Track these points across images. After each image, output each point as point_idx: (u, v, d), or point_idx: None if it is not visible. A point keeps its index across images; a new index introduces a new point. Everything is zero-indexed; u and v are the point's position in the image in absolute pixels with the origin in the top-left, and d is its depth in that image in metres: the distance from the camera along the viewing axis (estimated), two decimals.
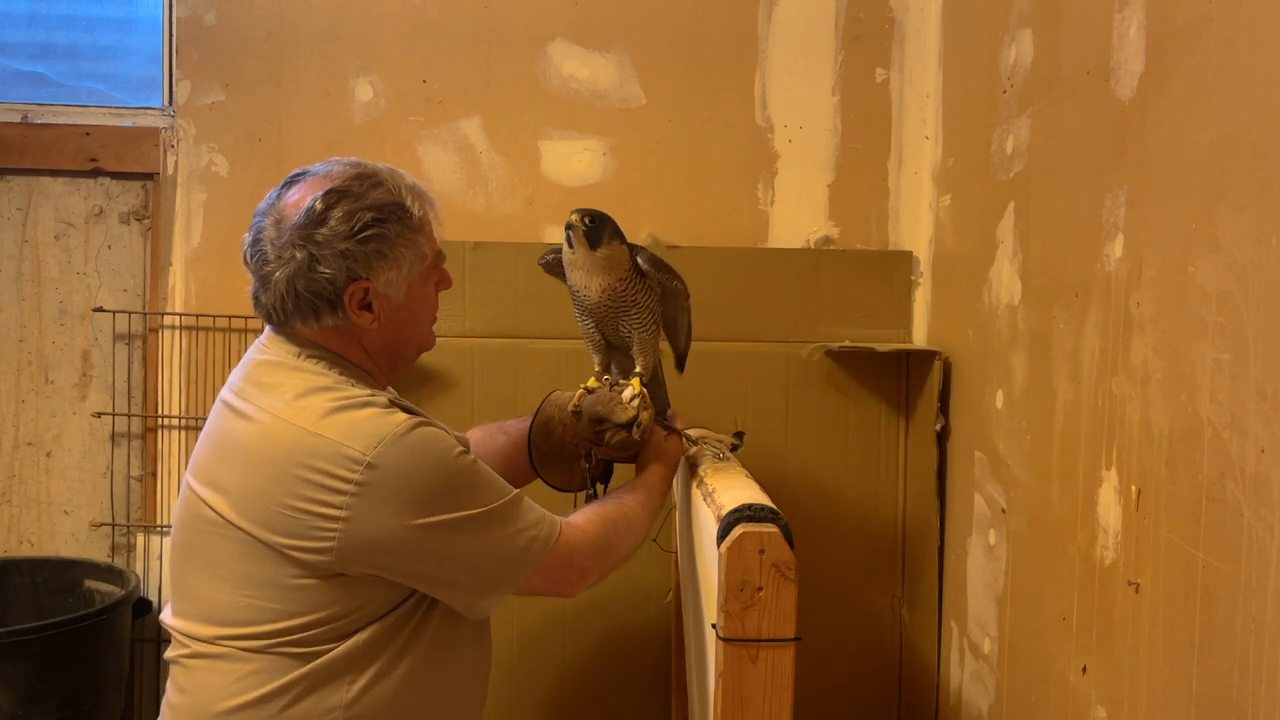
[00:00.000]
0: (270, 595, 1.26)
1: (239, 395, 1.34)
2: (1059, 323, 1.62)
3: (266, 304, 1.35)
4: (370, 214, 1.32)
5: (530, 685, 2.27)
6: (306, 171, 1.37)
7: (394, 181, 1.38)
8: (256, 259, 1.34)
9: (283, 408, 1.28)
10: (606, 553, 1.44)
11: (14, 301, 2.48)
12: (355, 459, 1.23)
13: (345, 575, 1.26)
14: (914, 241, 2.39)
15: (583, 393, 1.68)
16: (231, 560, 1.28)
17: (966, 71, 2.15)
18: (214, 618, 1.29)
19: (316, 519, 1.23)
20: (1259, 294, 1.12)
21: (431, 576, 1.30)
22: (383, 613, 1.30)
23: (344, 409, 1.27)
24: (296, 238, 1.30)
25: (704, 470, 1.59)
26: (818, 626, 1.42)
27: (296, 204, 1.32)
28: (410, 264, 1.37)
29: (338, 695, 1.27)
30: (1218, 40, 1.22)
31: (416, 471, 1.26)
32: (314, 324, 1.34)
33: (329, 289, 1.31)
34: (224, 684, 1.27)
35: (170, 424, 2.46)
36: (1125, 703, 1.38)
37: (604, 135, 2.43)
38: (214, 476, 1.31)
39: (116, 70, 2.50)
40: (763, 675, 1.17)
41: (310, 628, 1.26)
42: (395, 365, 1.45)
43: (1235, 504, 1.15)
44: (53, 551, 2.50)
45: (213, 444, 1.35)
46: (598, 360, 1.73)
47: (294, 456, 1.24)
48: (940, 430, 2.19)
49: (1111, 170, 1.46)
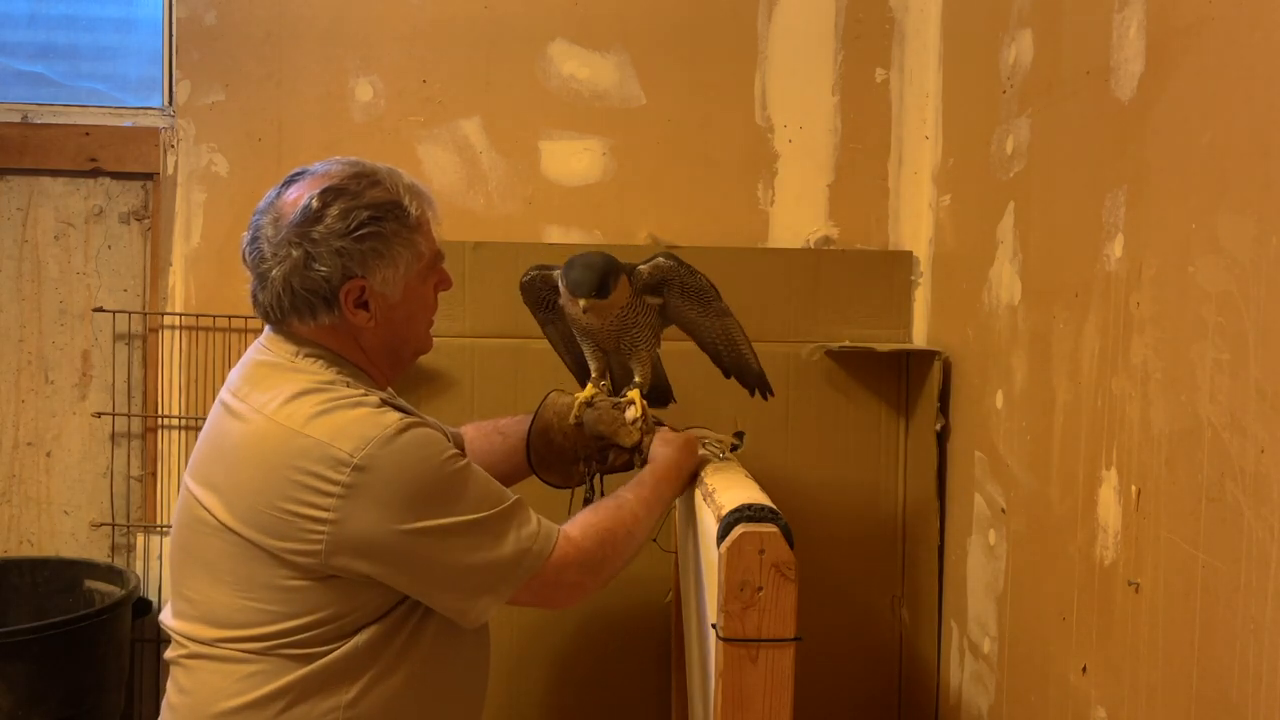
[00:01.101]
0: (267, 597, 1.26)
1: (235, 395, 1.34)
2: (1059, 323, 1.62)
3: (264, 302, 1.35)
4: (367, 212, 1.32)
5: (529, 685, 2.26)
6: (306, 171, 1.38)
7: (392, 181, 1.38)
8: (254, 257, 1.34)
9: (275, 409, 1.28)
10: (602, 567, 1.40)
11: (14, 301, 2.48)
12: (343, 460, 1.23)
13: (338, 577, 1.26)
14: (914, 241, 2.40)
15: (583, 404, 1.67)
16: (228, 562, 1.28)
17: (966, 71, 2.15)
18: (213, 619, 1.29)
19: (305, 521, 1.23)
20: (1259, 294, 1.12)
21: (419, 581, 1.29)
22: (381, 613, 1.30)
23: (334, 409, 1.27)
24: (293, 235, 1.31)
25: (704, 470, 1.59)
26: (818, 626, 1.41)
27: (294, 202, 1.33)
28: (407, 263, 1.37)
29: (337, 696, 1.27)
30: (1218, 40, 1.22)
31: (406, 474, 1.25)
32: (310, 322, 1.34)
33: (325, 287, 1.31)
34: (224, 685, 1.27)
35: (170, 424, 2.46)
36: (1125, 703, 1.38)
37: (604, 135, 2.43)
38: (209, 477, 1.32)
39: (116, 70, 2.50)
40: (763, 675, 1.17)
41: (308, 629, 1.26)
42: (394, 365, 1.44)
43: (1235, 504, 1.15)
44: (53, 551, 2.50)
45: (209, 445, 1.35)
46: (594, 367, 1.72)
47: (283, 458, 1.24)
48: (940, 430, 2.19)
49: (1111, 170, 1.46)
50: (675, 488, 1.57)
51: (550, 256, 1.84)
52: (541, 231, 2.42)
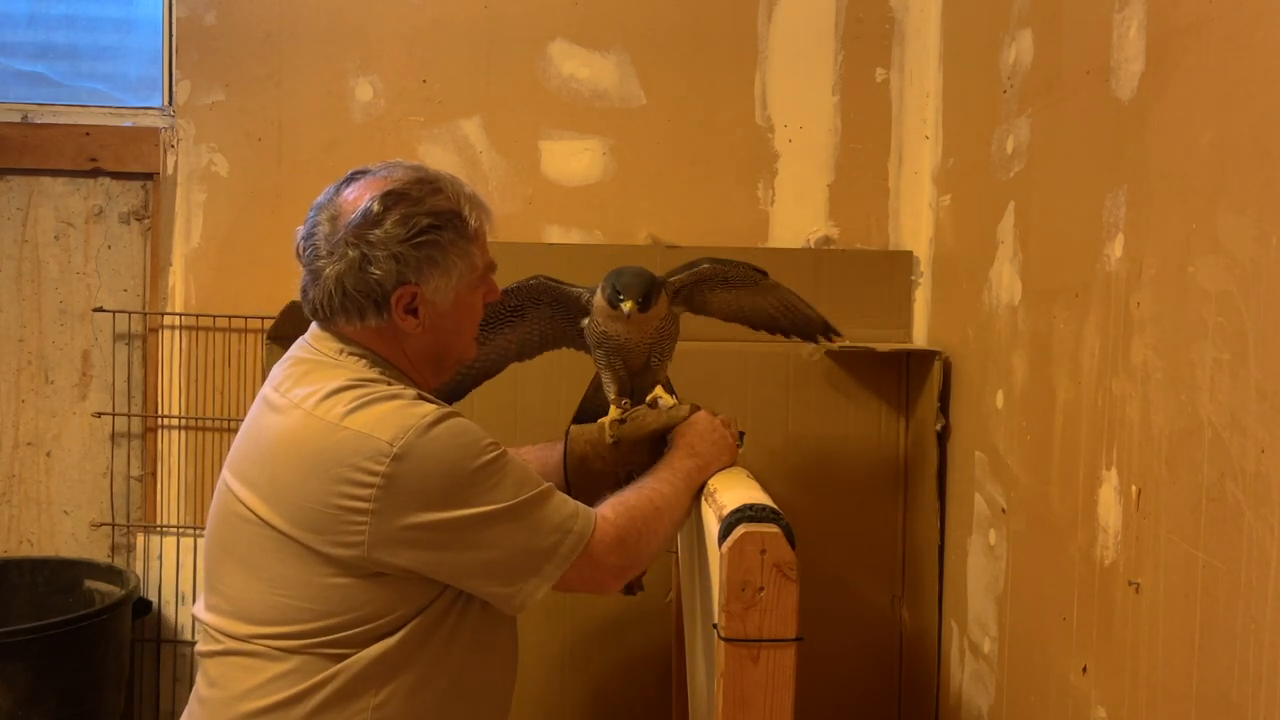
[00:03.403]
0: (304, 594, 1.26)
1: (277, 390, 1.34)
2: (1059, 323, 1.62)
3: (314, 299, 1.35)
4: (427, 220, 1.32)
5: (529, 684, 2.26)
6: (367, 170, 1.37)
7: (453, 190, 1.37)
8: (309, 253, 1.34)
9: (314, 404, 1.28)
10: (640, 543, 1.39)
11: (14, 301, 2.48)
12: (382, 451, 1.23)
13: (379, 574, 1.26)
14: (914, 241, 2.40)
15: (615, 423, 1.67)
16: (265, 557, 1.28)
17: (966, 71, 2.15)
18: (248, 615, 1.29)
19: (346, 513, 1.23)
20: (1259, 294, 1.12)
21: (463, 569, 1.29)
22: (415, 613, 1.29)
23: (371, 402, 1.27)
24: (351, 236, 1.31)
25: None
26: (818, 626, 1.42)
27: (354, 202, 1.32)
28: (461, 273, 1.37)
29: (366, 698, 1.27)
30: (1218, 40, 1.22)
31: (445, 462, 1.25)
32: (358, 323, 1.34)
33: (377, 290, 1.31)
34: (255, 682, 1.27)
35: (170, 424, 2.46)
36: (1125, 703, 1.38)
37: (604, 135, 2.43)
38: (246, 472, 1.31)
39: (116, 70, 2.51)
40: (764, 675, 1.17)
41: (343, 628, 1.26)
42: (436, 372, 1.44)
43: (1235, 504, 1.15)
44: (53, 551, 2.50)
45: (248, 439, 1.35)
46: (615, 389, 1.73)
47: (322, 453, 1.24)
48: (940, 430, 2.19)
49: (1111, 170, 1.46)
50: (698, 463, 1.55)
51: (550, 256, 1.85)
52: (541, 231, 2.42)
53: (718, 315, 1.82)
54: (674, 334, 1.73)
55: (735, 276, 1.74)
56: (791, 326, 1.86)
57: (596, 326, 1.69)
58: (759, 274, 1.76)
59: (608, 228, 2.42)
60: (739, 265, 1.74)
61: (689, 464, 1.52)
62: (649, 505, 1.43)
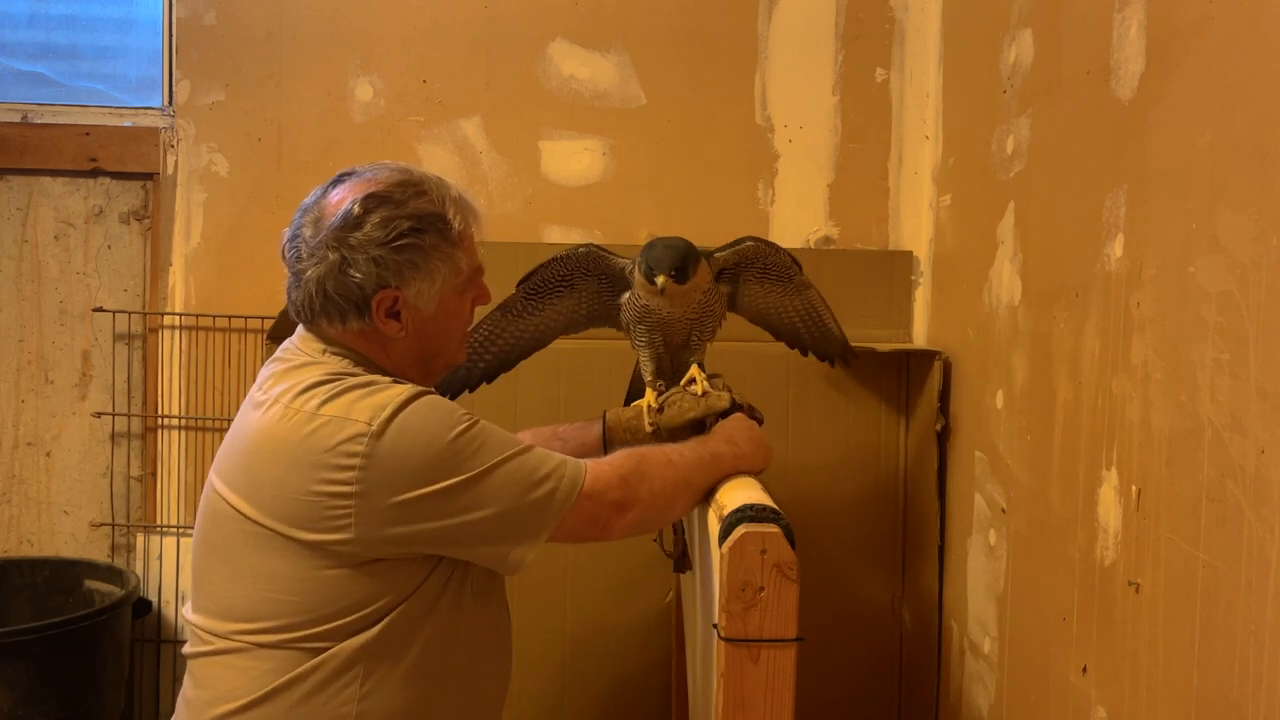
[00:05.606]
0: (286, 588, 1.26)
1: (260, 388, 1.35)
2: (1059, 323, 1.62)
3: (296, 300, 1.35)
4: (408, 223, 1.32)
5: (529, 684, 2.26)
6: (354, 172, 1.37)
7: (439, 192, 1.37)
8: (292, 255, 1.35)
9: (291, 397, 1.28)
10: (644, 482, 1.37)
11: (14, 301, 2.48)
12: (359, 432, 1.23)
13: (366, 562, 1.26)
14: (914, 241, 2.40)
15: (653, 409, 1.65)
16: (247, 553, 1.28)
17: (966, 71, 2.15)
18: (231, 612, 1.29)
19: (329, 499, 1.23)
20: (1259, 294, 1.12)
21: (455, 537, 1.29)
22: (399, 602, 1.29)
23: (346, 390, 1.28)
24: (331, 238, 1.31)
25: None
26: (818, 626, 1.42)
27: (336, 205, 1.33)
28: (444, 277, 1.36)
29: (351, 689, 1.27)
30: (1218, 40, 1.22)
31: (424, 435, 1.25)
32: (340, 325, 1.34)
33: (357, 293, 1.31)
34: (239, 679, 1.27)
35: (170, 424, 2.46)
36: (1125, 703, 1.38)
37: (604, 135, 2.43)
38: (229, 471, 1.32)
39: (116, 70, 2.51)
40: (764, 675, 1.17)
41: (325, 621, 1.26)
42: (424, 375, 1.43)
43: (1235, 504, 1.15)
44: (53, 551, 2.50)
45: (233, 439, 1.36)
46: (653, 368, 1.69)
47: (300, 442, 1.25)
48: (940, 430, 2.19)
49: (1111, 170, 1.46)
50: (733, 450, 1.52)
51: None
52: (541, 231, 2.42)
53: (746, 314, 1.79)
54: (718, 314, 1.67)
55: (775, 263, 1.70)
56: (812, 342, 1.83)
57: (637, 300, 1.65)
58: (796, 265, 1.71)
59: (608, 228, 2.42)
60: (781, 251, 1.69)
61: (722, 448, 1.50)
62: (660, 455, 1.42)
